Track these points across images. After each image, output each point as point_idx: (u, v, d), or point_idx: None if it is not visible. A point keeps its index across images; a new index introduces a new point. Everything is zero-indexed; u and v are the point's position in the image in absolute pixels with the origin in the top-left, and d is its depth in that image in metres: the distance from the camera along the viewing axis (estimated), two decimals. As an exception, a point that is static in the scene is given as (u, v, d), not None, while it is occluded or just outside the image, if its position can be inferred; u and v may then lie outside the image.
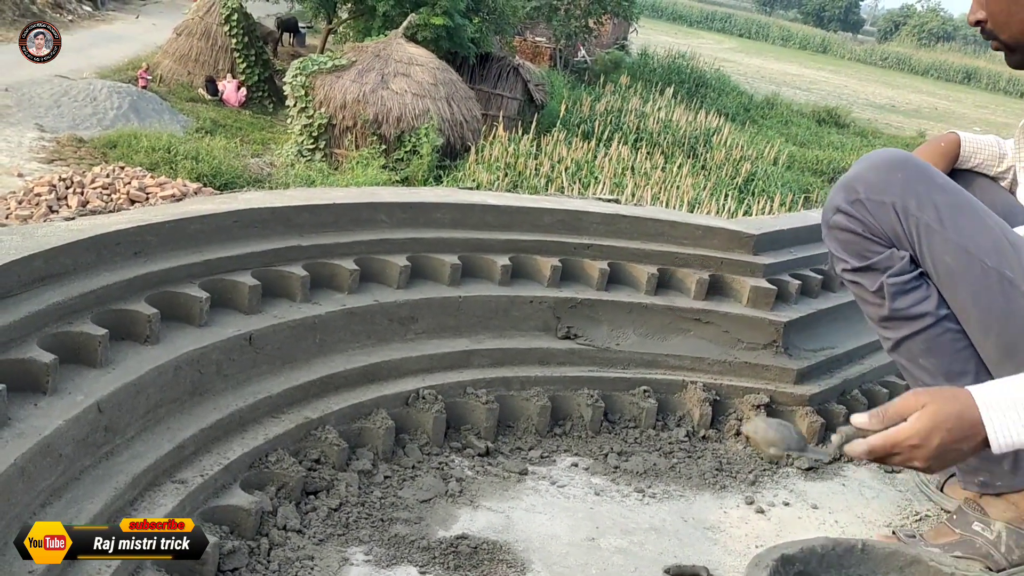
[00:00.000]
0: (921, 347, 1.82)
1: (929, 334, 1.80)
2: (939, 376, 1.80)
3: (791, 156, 22.45)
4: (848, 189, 1.86)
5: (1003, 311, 1.69)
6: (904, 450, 1.48)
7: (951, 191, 1.79)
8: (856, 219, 1.84)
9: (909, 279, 1.80)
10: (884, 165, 1.85)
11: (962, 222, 1.74)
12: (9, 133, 14.41)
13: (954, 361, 1.78)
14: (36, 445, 1.56)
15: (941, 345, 1.79)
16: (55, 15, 22.98)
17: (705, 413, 2.65)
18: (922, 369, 1.83)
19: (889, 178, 1.83)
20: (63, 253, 1.90)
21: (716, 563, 2.04)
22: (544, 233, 2.83)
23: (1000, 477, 1.82)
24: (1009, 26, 1.85)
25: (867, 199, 1.83)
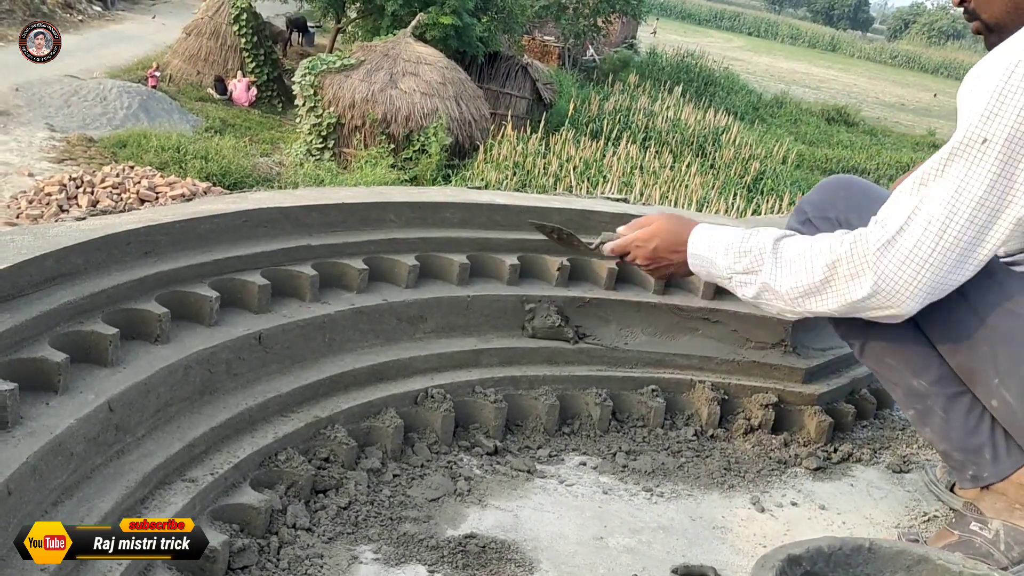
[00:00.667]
0: (883, 347, 1.92)
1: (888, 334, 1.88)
2: (906, 372, 1.91)
3: (800, 155, 22.42)
4: (799, 211, 2.06)
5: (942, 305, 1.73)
6: (633, 248, 2.11)
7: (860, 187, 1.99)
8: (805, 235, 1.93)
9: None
10: (829, 187, 2.06)
11: None
12: (20, 133, 14.49)
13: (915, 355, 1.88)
14: (48, 444, 1.57)
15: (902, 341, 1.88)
16: (65, 15, 23.07)
17: (713, 412, 2.65)
18: (889, 368, 1.94)
19: (833, 197, 2.01)
20: (74, 253, 1.91)
21: (724, 563, 2.05)
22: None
23: (985, 467, 1.87)
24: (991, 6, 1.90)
25: (814, 217, 2.00)
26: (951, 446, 1.91)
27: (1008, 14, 1.87)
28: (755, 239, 1.97)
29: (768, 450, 2.59)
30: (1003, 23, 1.89)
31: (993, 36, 1.92)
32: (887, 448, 2.73)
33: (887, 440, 2.79)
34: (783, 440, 2.64)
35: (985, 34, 1.95)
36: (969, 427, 1.86)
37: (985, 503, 1.90)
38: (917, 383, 1.89)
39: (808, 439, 2.67)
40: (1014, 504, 1.86)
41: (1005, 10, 1.87)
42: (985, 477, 1.88)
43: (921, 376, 1.88)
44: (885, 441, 2.78)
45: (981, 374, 1.79)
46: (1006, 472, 1.85)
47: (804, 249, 1.86)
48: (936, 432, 1.92)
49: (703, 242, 2.04)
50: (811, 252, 1.83)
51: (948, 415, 1.87)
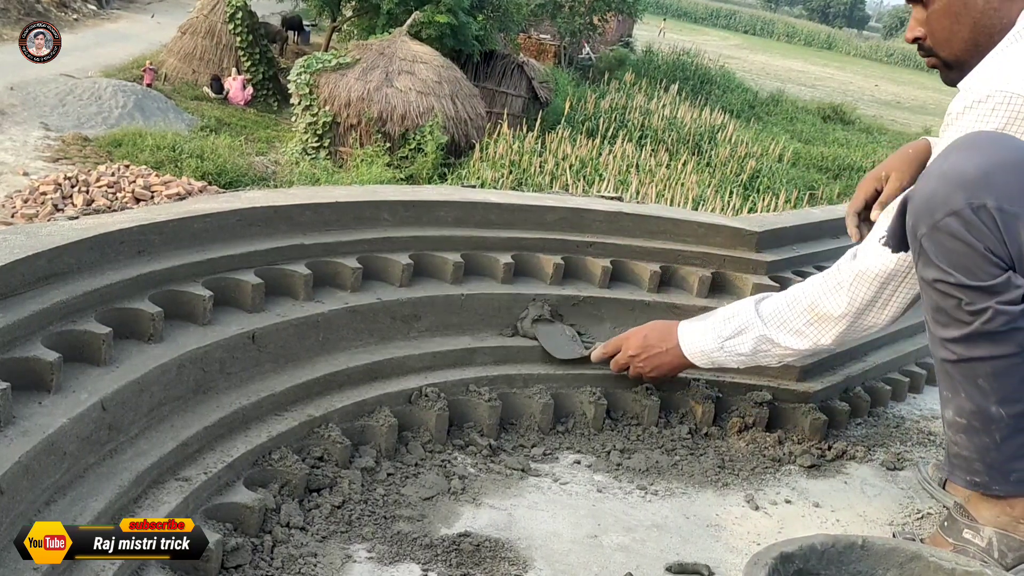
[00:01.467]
0: (988, 370, 1.68)
1: (1005, 362, 1.66)
2: (991, 397, 1.70)
3: (796, 153, 22.44)
4: (972, 191, 1.58)
5: None
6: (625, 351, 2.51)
7: None
8: (979, 230, 1.58)
9: (1020, 311, 1.61)
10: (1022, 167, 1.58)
11: None
12: (15, 132, 14.47)
13: (1016, 390, 1.69)
14: (40, 443, 1.56)
15: (1011, 374, 1.68)
16: (60, 14, 23.03)
17: (707, 411, 2.65)
18: (976, 387, 1.71)
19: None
20: (67, 252, 1.90)
21: (718, 560, 2.05)
22: (547, 231, 2.84)
23: (1000, 483, 1.78)
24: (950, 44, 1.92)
25: (999, 209, 1.56)
26: (980, 459, 1.78)
27: (967, 51, 1.90)
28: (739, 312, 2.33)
29: (762, 448, 2.60)
30: (962, 60, 1.91)
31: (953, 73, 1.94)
32: (881, 446, 2.73)
33: (881, 438, 2.79)
34: (777, 438, 2.64)
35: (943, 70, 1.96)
36: (1016, 456, 1.75)
37: (976, 506, 1.87)
38: (996, 410, 1.70)
39: (802, 437, 2.68)
40: (1018, 518, 1.81)
41: (964, 47, 1.89)
42: (994, 490, 1.80)
43: (1004, 406, 1.69)
44: (879, 439, 2.78)
45: None
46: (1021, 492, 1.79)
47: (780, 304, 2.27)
48: (974, 446, 1.77)
49: (690, 325, 2.43)
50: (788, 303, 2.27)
51: (1004, 443, 1.73)
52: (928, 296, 1.74)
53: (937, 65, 1.96)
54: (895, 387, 3.09)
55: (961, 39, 1.89)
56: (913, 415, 3.03)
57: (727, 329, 2.35)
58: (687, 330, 2.45)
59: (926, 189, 1.67)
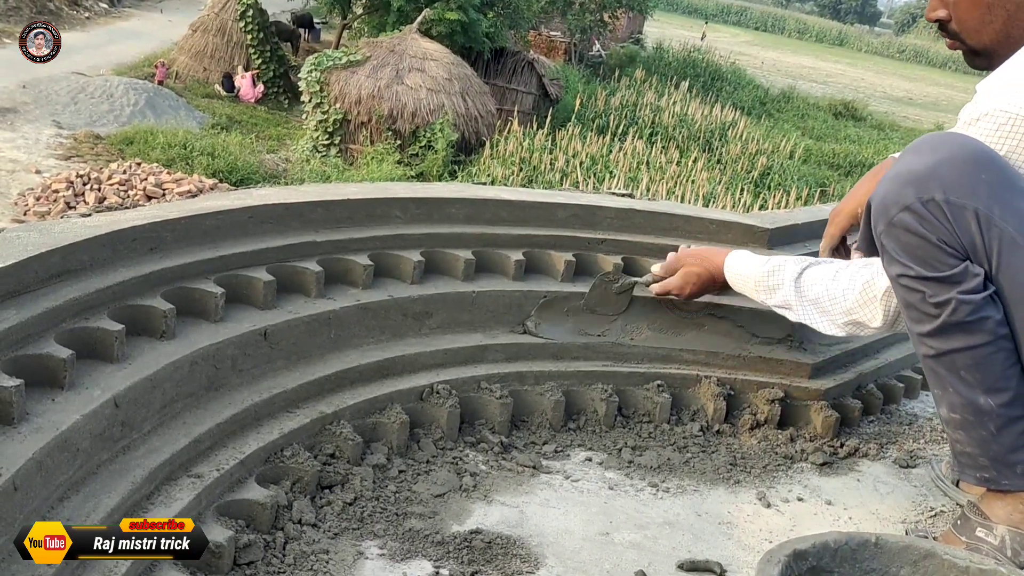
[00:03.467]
0: (968, 362, 1.71)
1: (982, 351, 1.69)
2: (978, 389, 1.72)
3: (807, 150, 22.36)
4: (921, 185, 1.65)
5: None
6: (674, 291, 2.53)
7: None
8: (930, 223, 1.65)
9: (982, 299, 1.66)
10: (967, 162, 1.63)
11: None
12: (27, 130, 14.54)
13: (1000, 378, 1.70)
14: (53, 440, 1.57)
15: (991, 363, 1.70)
16: (72, 12, 23.12)
17: (719, 408, 2.64)
18: (960, 380, 1.74)
19: (974, 179, 1.62)
20: (80, 249, 1.91)
21: (730, 558, 2.04)
22: (558, 228, 2.83)
23: (1008, 477, 1.78)
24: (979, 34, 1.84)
25: (947, 201, 1.62)
26: (983, 453, 1.78)
27: (997, 42, 1.83)
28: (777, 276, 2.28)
29: (774, 445, 2.59)
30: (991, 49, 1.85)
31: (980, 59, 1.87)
32: (894, 443, 2.72)
33: (894, 435, 2.78)
34: (789, 435, 2.63)
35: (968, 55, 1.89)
36: (1016, 446, 1.74)
37: (990, 504, 1.85)
38: (984, 401, 1.72)
39: (814, 434, 2.67)
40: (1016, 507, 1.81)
41: (995, 38, 1.82)
42: (1003, 484, 1.79)
43: (992, 396, 1.71)
44: (892, 436, 2.77)
45: None
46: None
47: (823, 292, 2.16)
48: (974, 440, 1.78)
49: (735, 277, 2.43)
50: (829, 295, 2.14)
51: (999, 433, 1.74)
52: (898, 294, 1.80)
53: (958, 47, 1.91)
54: (908, 384, 3.08)
55: (993, 30, 1.81)
56: (926, 412, 3.02)
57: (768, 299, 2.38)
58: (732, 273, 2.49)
59: (882, 191, 1.75)
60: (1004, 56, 1.81)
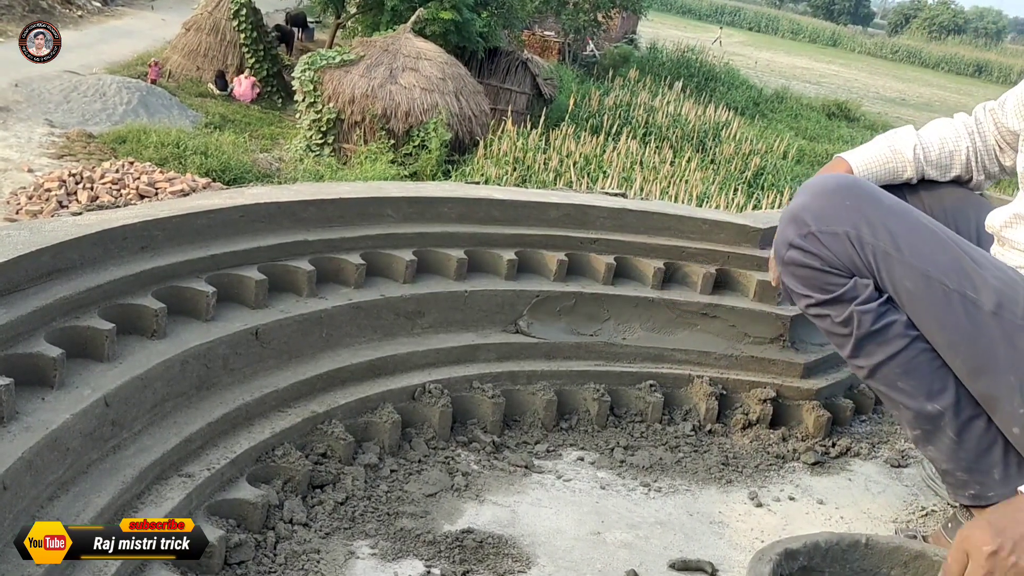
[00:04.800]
0: (897, 371, 1.79)
1: (904, 356, 1.78)
2: (920, 396, 1.78)
3: (801, 150, 22.36)
4: (798, 222, 1.81)
5: (968, 332, 1.68)
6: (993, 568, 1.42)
7: (902, 213, 1.76)
8: (811, 253, 1.79)
9: (878, 305, 1.77)
10: (830, 192, 1.80)
11: (918, 245, 1.71)
12: (19, 128, 14.48)
13: (933, 380, 1.77)
14: (43, 439, 1.56)
15: (917, 366, 1.77)
16: (64, 11, 23.04)
17: (711, 407, 2.65)
18: (901, 392, 1.81)
19: (838, 206, 1.77)
20: (70, 248, 1.90)
21: (721, 557, 2.05)
22: (550, 227, 2.83)
23: (991, 487, 1.80)
24: None
25: (819, 231, 1.78)
26: (957, 466, 1.82)
27: None
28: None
29: (766, 445, 2.59)
30: None
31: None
32: (885, 443, 2.73)
33: (885, 435, 2.79)
34: (781, 435, 2.64)
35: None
36: (981, 449, 1.77)
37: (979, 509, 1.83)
38: (931, 407, 1.77)
39: (806, 434, 2.67)
40: None
41: None
42: (990, 497, 1.80)
43: (936, 400, 1.77)
44: (883, 436, 2.78)
45: (1004, 402, 1.69)
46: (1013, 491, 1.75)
47: None
48: (943, 452, 1.82)
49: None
50: None
51: (960, 438, 1.78)
52: (818, 326, 1.90)
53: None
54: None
55: None
56: (917, 412, 3.02)
57: None
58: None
59: (775, 237, 1.90)
60: None
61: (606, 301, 2.76)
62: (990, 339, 1.67)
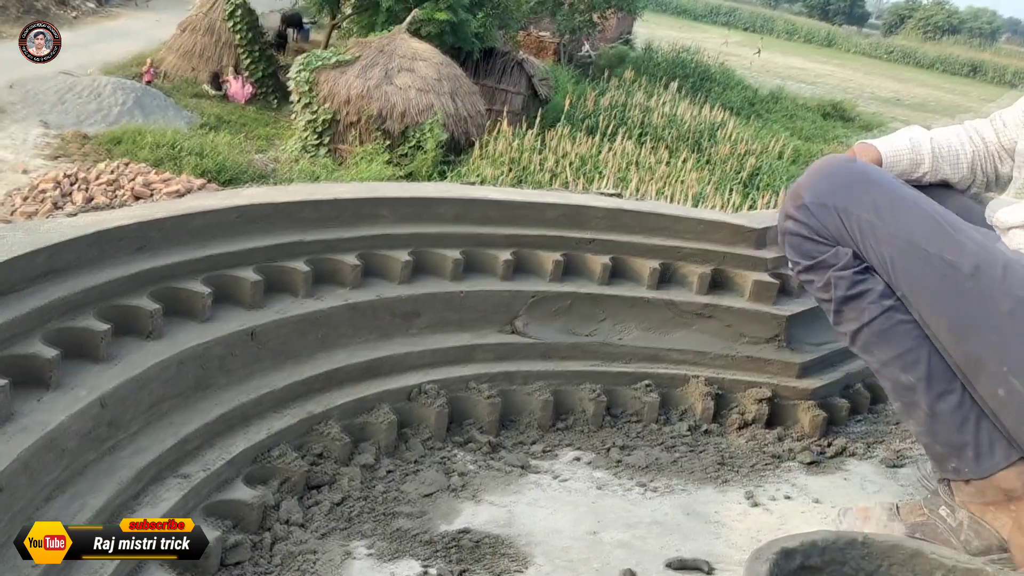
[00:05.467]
0: (873, 338, 1.91)
1: (878, 324, 1.89)
2: (895, 366, 1.89)
3: (796, 150, 22.36)
4: (794, 196, 1.99)
5: (948, 293, 1.77)
6: None
7: (887, 185, 1.90)
8: (803, 223, 1.96)
9: (854, 272, 1.89)
10: (826, 171, 1.97)
11: (900, 214, 1.84)
12: (14, 129, 14.45)
13: (906, 350, 1.87)
14: (40, 440, 1.56)
15: (892, 335, 1.88)
16: (59, 11, 23.00)
17: (707, 407, 2.65)
18: (878, 360, 1.93)
19: (831, 182, 1.94)
20: (66, 249, 1.90)
21: (718, 556, 2.05)
22: (547, 228, 2.83)
23: (966, 464, 1.87)
24: None
25: (811, 203, 1.94)
26: (934, 440, 1.91)
27: None
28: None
29: (762, 444, 2.59)
30: None
31: None
32: (881, 442, 2.73)
33: (881, 434, 2.79)
34: (777, 435, 2.64)
35: None
36: (955, 424, 1.84)
37: (961, 493, 1.91)
38: (905, 378, 1.87)
39: (802, 433, 2.67)
40: (988, 502, 1.87)
41: None
42: (965, 472, 1.88)
43: (910, 372, 1.86)
44: (879, 435, 2.78)
45: (989, 362, 1.76)
46: (986, 472, 1.85)
47: None
48: (920, 425, 1.92)
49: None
50: None
51: (933, 411, 1.86)
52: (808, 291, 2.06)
53: None
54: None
55: None
56: (913, 412, 3.02)
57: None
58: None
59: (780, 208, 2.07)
60: None
61: (602, 301, 2.76)
62: (969, 300, 1.75)
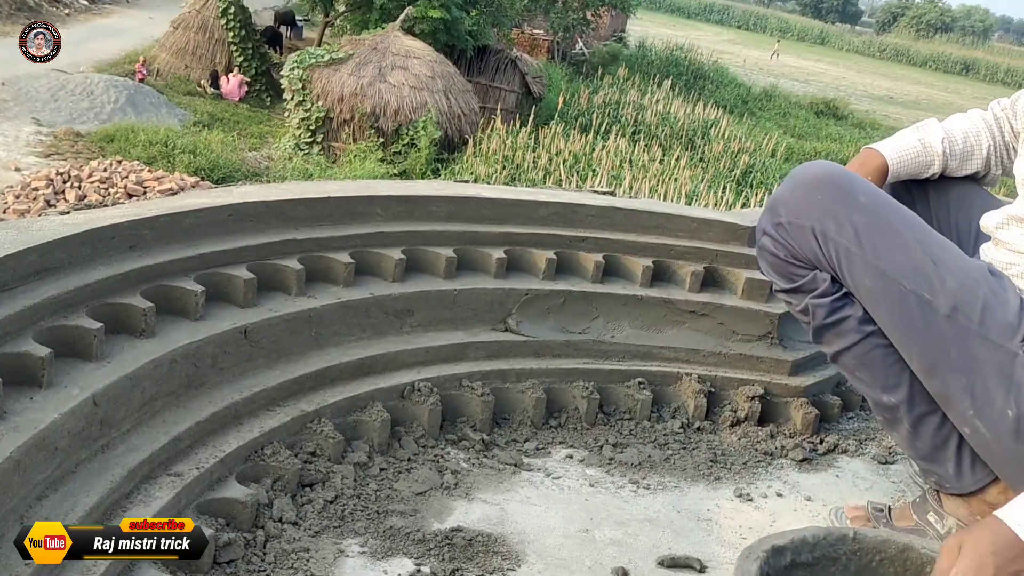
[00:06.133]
0: (853, 362, 1.87)
1: (858, 350, 1.84)
2: (876, 388, 1.86)
3: (789, 148, 22.41)
4: (772, 212, 1.87)
5: (922, 332, 1.71)
6: None
7: (871, 211, 1.77)
8: (779, 243, 1.86)
9: (832, 300, 1.83)
10: (806, 185, 1.84)
11: (880, 244, 1.74)
12: (6, 127, 14.40)
13: (888, 375, 1.83)
14: (32, 438, 1.56)
15: (872, 360, 1.83)
16: (52, 9, 22.93)
17: (700, 405, 2.66)
18: (860, 381, 1.91)
19: (809, 200, 1.81)
20: (58, 247, 1.90)
21: (710, 554, 2.05)
22: (540, 226, 2.84)
23: (947, 480, 1.87)
24: None
25: (788, 223, 1.84)
26: (916, 454, 1.90)
27: None
28: None
29: (754, 442, 2.60)
30: None
31: None
32: (872, 439, 2.74)
33: (873, 431, 2.80)
34: (769, 432, 2.65)
35: None
36: (936, 443, 1.83)
37: (949, 502, 1.92)
38: (887, 399, 1.85)
39: (794, 431, 2.68)
40: (974, 514, 1.87)
41: None
42: (947, 487, 1.89)
43: (891, 393, 1.84)
44: (871, 432, 2.79)
45: (956, 402, 1.73)
46: (967, 489, 1.85)
47: None
48: (902, 440, 1.91)
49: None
50: None
51: (915, 430, 1.85)
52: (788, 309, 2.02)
53: None
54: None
55: None
56: (905, 409, 3.04)
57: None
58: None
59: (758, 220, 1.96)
60: None
61: (595, 299, 2.76)
62: (943, 340, 1.70)
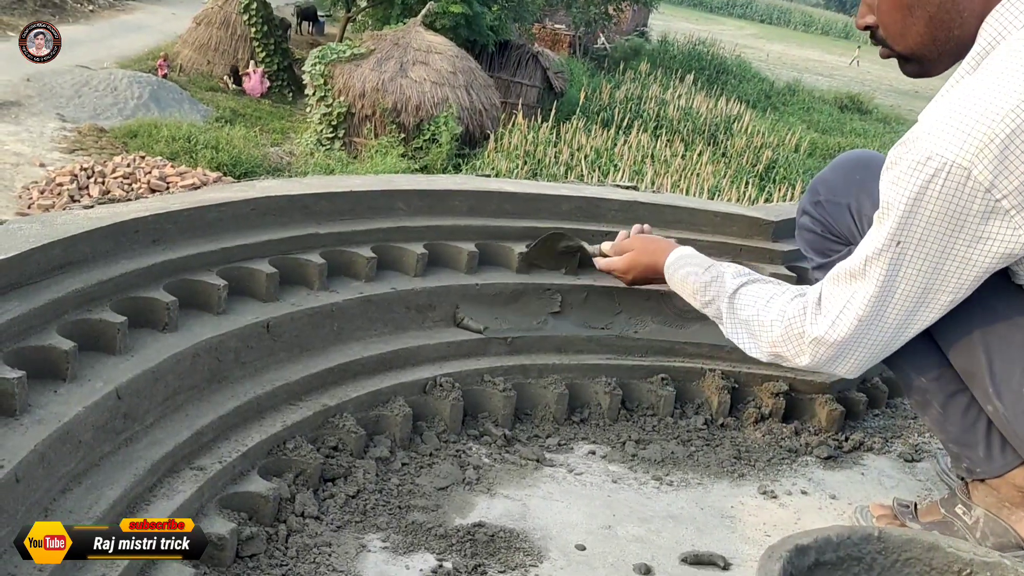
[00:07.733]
0: None
1: None
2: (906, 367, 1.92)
3: (813, 143, 22.27)
4: (812, 191, 2.01)
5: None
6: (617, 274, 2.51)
7: None
8: (817, 220, 1.99)
9: None
10: (846, 167, 1.97)
11: None
12: (31, 123, 14.55)
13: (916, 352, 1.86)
14: (56, 431, 1.57)
15: None
16: (76, 5, 23.12)
17: (723, 401, 2.64)
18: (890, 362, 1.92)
19: (847, 179, 1.94)
20: (82, 241, 1.91)
21: (733, 551, 2.04)
22: (562, 220, 2.82)
23: (978, 463, 1.88)
24: (904, 38, 1.75)
25: (826, 201, 1.97)
26: (947, 438, 1.92)
27: (924, 45, 1.74)
28: (714, 288, 2.10)
29: (779, 439, 2.58)
30: (920, 54, 1.77)
31: (911, 65, 1.80)
32: (899, 437, 2.71)
33: (899, 429, 2.77)
34: (794, 429, 2.63)
35: (900, 62, 1.82)
36: (966, 424, 1.85)
37: (977, 491, 1.92)
38: (917, 379, 1.88)
39: (819, 428, 2.66)
40: (1003, 500, 1.87)
41: (921, 42, 1.74)
42: (978, 472, 1.89)
43: (922, 373, 1.87)
44: (897, 430, 2.76)
45: (978, 379, 1.77)
46: (997, 471, 1.85)
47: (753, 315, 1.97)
48: (934, 423, 1.93)
49: (674, 279, 2.28)
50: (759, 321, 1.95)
51: (945, 411, 1.87)
52: None
53: (891, 55, 1.81)
54: (913, 378, 3.06)
55: (916, 33, 1.72)
56: (931, 406, 3.01)
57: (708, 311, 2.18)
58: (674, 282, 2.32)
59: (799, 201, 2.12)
60: (934, 62, 1.75)
61: (618, 294, 2.74)
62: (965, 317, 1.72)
